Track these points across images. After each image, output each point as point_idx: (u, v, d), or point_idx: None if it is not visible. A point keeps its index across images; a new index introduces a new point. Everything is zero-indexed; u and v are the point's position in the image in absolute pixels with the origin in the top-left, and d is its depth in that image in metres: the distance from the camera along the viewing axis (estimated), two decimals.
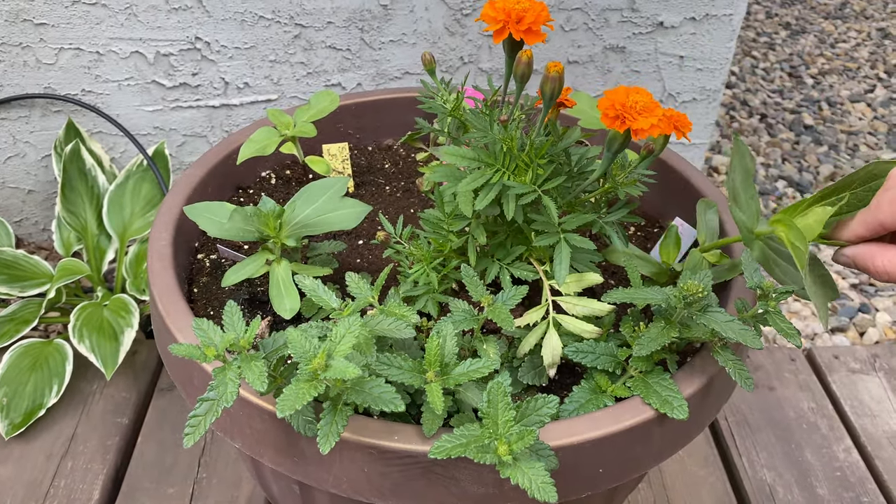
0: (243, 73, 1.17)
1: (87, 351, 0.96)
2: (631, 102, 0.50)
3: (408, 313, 0.54)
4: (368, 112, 0.89)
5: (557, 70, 0.53)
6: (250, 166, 0.81)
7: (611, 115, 0.51)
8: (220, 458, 0.95)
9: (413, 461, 0.52)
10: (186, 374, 0.59)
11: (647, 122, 0.50)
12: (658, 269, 0.65)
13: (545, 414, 0.50)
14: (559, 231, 0.57)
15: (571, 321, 0.58)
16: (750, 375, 0.56)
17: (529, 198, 0.54)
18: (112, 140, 1.22)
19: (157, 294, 0.62)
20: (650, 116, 0.50)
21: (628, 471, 0.57)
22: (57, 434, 0.97)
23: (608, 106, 0.51)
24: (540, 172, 0.54)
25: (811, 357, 1.16)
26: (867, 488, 0.97)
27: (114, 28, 1.11)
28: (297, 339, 0.47)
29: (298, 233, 0.64)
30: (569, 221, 0.57)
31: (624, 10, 1.18)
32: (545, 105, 0.54)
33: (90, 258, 1.12)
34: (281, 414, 0.45)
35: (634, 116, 0.50)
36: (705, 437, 1.03)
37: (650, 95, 0.51)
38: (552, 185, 0.55)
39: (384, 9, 1.14)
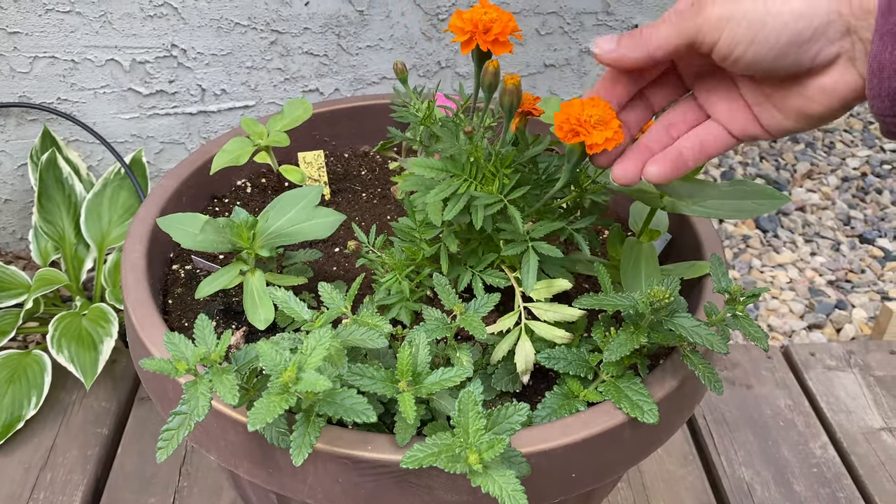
0: (220, 79, 1.17)
1: (66, 361, 0.95)
2: (585, 116, 0.49)
3: (380, 323, 0.55)
4: (343, 119, 0.89)
5: (514, 83, 0.53)
6: (225, 175, 0.81)
7: (565, 129, 0.50)
8: (200, 467, 0.95)
9: (386, 471, 0.52)
10: (161, 387, 0.59)
11: (601, 136, 0.49)
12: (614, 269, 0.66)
13: (516, 421, 0.51)
14: (527, 240, 0.57)
15: (543, 327, 0.59)
16: (720, 379, 0.57)
17: (496, 207, 0.54)
18: (89, 148, 1.21)
19: (130, 307, 0.62)
20: (605, 129, 0.49)
21: (601, 475, 0.58)
22: (36, 446, 0.97)
23: (563, 120, 0.50)
24: (506, 182, 0.54)
25: (788, 354, 1.18)
26: (843, 484, 0.99)
27: (89, 36, 1.10)
28: (267, 351, 0.47)
29: (272, 243, 0.64)
30: (537, 230, 0.57)
31: (599, 14, 1.19)
32: (506, 117, 0.54)
33: (68, 267, 1.12)
34: (252, 427, 0.45)
35: (589, 130, 0.49)
36: (684, 436, 1.04)
37: (607, 106, 0.50)
38: (518, 195, 0.56)
39: (360, 14, 1.14)
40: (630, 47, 0.47)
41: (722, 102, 0.50)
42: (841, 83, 0.44)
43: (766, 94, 0.47)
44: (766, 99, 0.48)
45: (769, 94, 0.47)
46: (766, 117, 0.48)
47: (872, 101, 0.42)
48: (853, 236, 1.52)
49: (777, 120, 0.48)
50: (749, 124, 0.49)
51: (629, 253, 0.65)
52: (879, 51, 0.40)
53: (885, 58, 0.40)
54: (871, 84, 0.41)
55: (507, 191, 0.55)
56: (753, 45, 0.43)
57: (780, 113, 0.47)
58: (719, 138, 0.50)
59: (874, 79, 0.41)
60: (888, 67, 0.40)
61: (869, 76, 0.41)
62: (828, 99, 0.45)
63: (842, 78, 0.44)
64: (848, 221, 1.56)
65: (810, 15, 0.42)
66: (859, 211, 1.58)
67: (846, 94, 0.44)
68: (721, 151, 0.51)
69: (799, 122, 0.47)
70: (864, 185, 1.64)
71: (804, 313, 1.33)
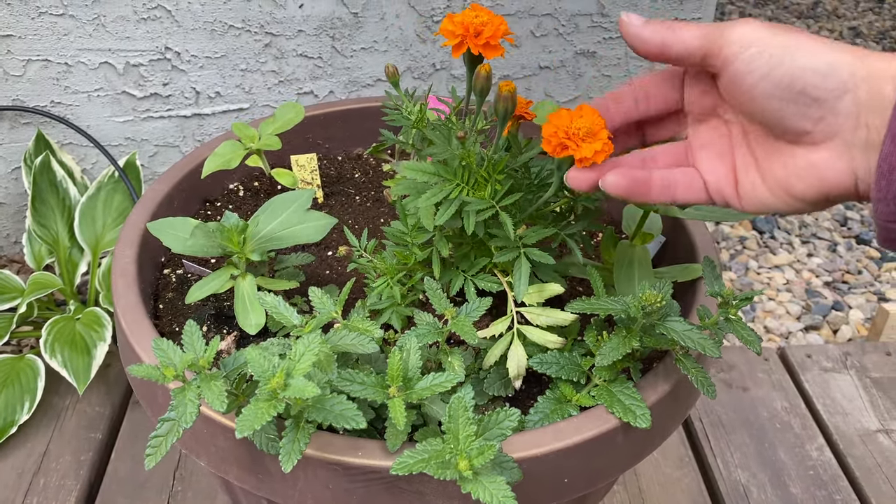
0: (214, 82, 1.17)
1: (59, 366, 0.95)
2: (574, 129, 0.48)
3: (371, 328, 0.54)
4: (337, 122, 0.89)
5: (510, 89, 0.53)
6: (218, 179, 0.81)
7: (553, 143, 0.49)
8: (194, 471, 0.94)
9: (377, 477, 0.52)
10: (151, 392, 0.59)
11: (590, 150, 0.48)
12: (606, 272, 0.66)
13: (507, 427, 0.50)
14: (519, 246, 0.57)
15: (536, 332, 0.59)
16: (712, 383, 0.57)
17: (488, 213, 0.54)
18: (83, 151, 1.21)
19: (120, 312, 0.61)
20: (594, 142, 0.48)
21: (594, 480, 0.57)
22: (29, 451, 0.96)
23: (551, 133, 0.49)
24: (498, 188, 0.54)
25: (784, 356, 1.17)
26: (840, 486, 0.98)
27: (82, 39, 1.10)
28: (255, 357, 0.47)
29: (263, 247, 0.63)
30: (529, 235, 0.57)
31: (594, 16, 1.19)
32: (500, 122, 0.54)
33: (62, 271, 1.11)
34: (240, 434, 0.45)
35: (578, 143, 0.48)
36: (680, 439, 1.04)
37: (596, 115, 0.49)
38: (510, 202, 0.55)
39: (355, 17, 1.14)
40: (654, 30, 0.45)
41: (711, 153, 0.49)
42: (830, 168, 0.42)
43: (755, 158, 0.46)
44: (753, 162, 0.47)
45: (758, 157, 0.46)
46: (747, 182, 0.47)
47: (877, 204, 0.40)
48: (850, 237, 1.52)
49: (756, 188, 0.46)
50: (726, 185, 0.48)
51: (622, 256, 0.65)
52: (890, 152, 0.39)
53: (894, 160, 0.39)
54: (879, 186, 0.39)
55: (499, 197, 0.54)
56: (766, 79, 0.42)
57: (762, 180, 0.46)
58: (692, 187, 0.49)
59: (882, 180, 0.39)
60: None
61: (877, 177, 0.39)
62: (812, 179, 0.43)
63: (832, 162, 0.42)
64: (844, 222, 1.55)
65: (829, 76, 0.41)
66: (856, 212, 1.58)
67: (831, 180, 0.43)
68: (686, 200, 0.49)
69: (775, 197, 0.46)
70: None
71: (801, 315, 1.33)
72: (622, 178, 0.48)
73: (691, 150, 0.50)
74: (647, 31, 0.45)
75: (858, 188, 0.42)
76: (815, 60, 0.41)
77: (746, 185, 0.47)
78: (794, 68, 0.41)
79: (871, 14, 2.37)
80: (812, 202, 0.44)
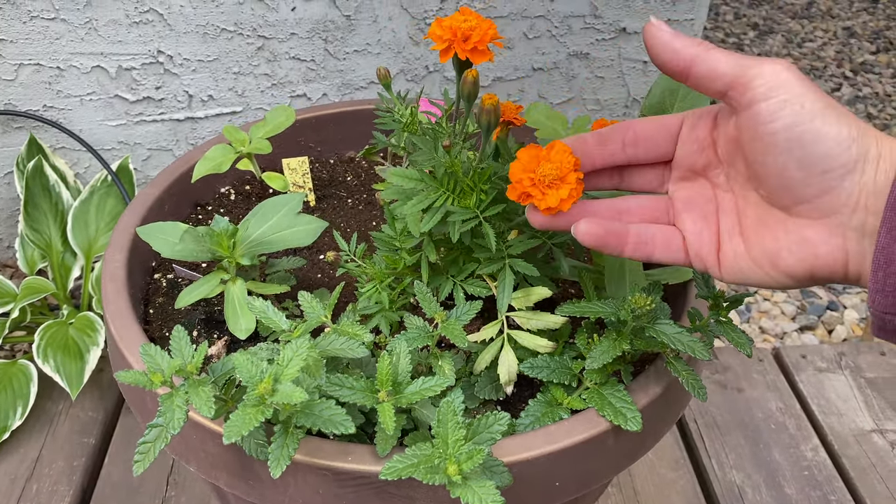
0: (207, 85, 1.17)
1: (51, 371, 0.95)
2: (539, 175, 0.45)
3: (360, 332, 0.54)
4: (329, 125, 0.89)
5: (492, 102, 0.52)
6: (209, 183, 0.81)
7: (518, 192, 0.46)
8: (188, 476, 0.94)
9: (367, 482, 0.51)
10: (140, 398, 0.59)
11: (555, 198, 0.45)
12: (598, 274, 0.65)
13: (497, 431, 0.50)
14: (504, 257, 0.57)
15: (526, 336, 0.58)
16: (703, 385, 0.57)
17: (472, 224, 0.53)
18: (76, 155, 1.21)
19: (110, 318, 0.61)
20: (561, 187, 0.45)
21: (586, 483, 0.57)
22: (22, 457, 0.96)
23: (516, 179, 0.46)
24: (483, 198, 0.54)
25: (779, 357, 1.17)
26: (834, 486, 0.98)
27: (74, 43, 1.10)
28: (243, 363, 0.47)
29: (253, 251, 0.63)
30: (515, 245, 0.57)
31: (587, 17, 1.19)
32: (484, 135, 0.54)
33: (55, 276, 1.11)
34: (227, 440, 0.45)
35: (543, 191, 0.45)
36: (675, 440, 1.04)
37: (566, 154, 0.45)
38: (494, 212, 0.55)
39: (347, 19, 1.14)
40: (685, 44, 0.42)
41: (697, 214, 0.47)
42: (824, 243, 0.41)
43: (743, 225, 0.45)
44: (739, 229, 0.45)
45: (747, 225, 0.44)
46: (730, 250, 0.45)
47: (874, 294, 0.39)
48: None
49: (738, 257, 0.44)
50: (709, 251, 0.46)
51: (613, 259, 0.65)
52: (888, 243, 0.38)
53: (893, 251, 0.38)
54: (876, 277, 0.38)
55: (483, 206, 0.54)
56: (787, 132, 0.39)
57: (746, 250, 0.44)
58: (670, 247, 0.47)
59: (879, 272, 0.38)
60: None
61: (874, 268, 0.38)
62: (804, 254, 0.41)
63: (826, 238, 0.41)
64: None
65: (845, 151, 0.39)
66: None
67: (824, 258, 0.41)
68: (662, 260, 0.47)
69: (758, 268, 0.44)
70: None
71: (796, 315, 1.33)
72: (597, 227, 0.46)
73: (674, 207, 0.48)
74: (679, 44, 0.42)
75: (848, 270, 0.41)
76: (837, 130, 0.39)
77: (729, 253, 0.45)
78: (818, 132, 0.39)
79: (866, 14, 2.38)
80: (798, 278, 0.43)
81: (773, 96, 0.40)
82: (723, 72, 0.41)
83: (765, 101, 0.40)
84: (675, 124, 0.48)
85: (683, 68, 0.43)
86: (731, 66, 0.41)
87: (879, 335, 0.40)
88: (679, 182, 0.48)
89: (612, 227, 0.46)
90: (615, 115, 1.30)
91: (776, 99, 0.40)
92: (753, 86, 0.40)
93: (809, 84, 0.40)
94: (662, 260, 0.47)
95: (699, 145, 0.47)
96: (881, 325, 0.40)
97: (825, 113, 0.39)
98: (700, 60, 0.42)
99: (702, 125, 0.47)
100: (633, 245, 0.47)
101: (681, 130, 0.48)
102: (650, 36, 0.43)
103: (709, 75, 0.42)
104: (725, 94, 0.42)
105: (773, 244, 0.43)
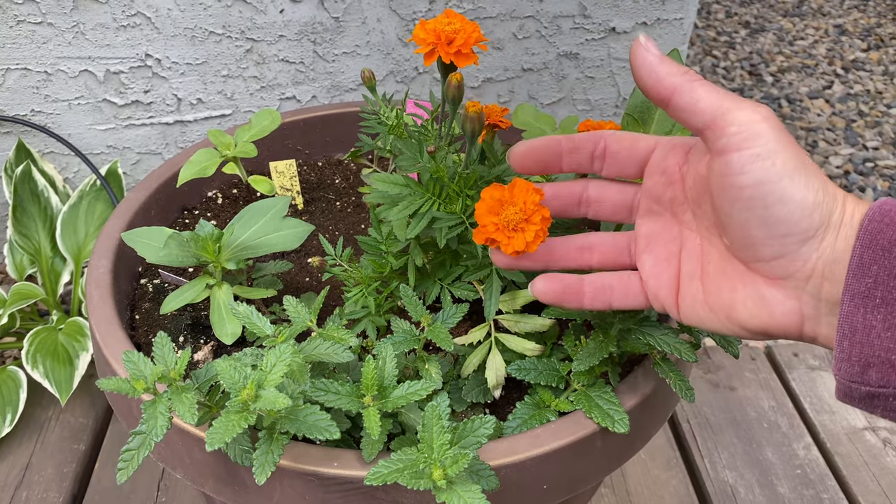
0: (196, 88, 1.16)
1: (40, 377, 0.94)
2: (503, 220, 0.45)
3: (346, 336, 0.54)
4: (316, 127, 0.88)
5: (476, 110, 0.52)
6: (196, 187, 0.81)
7: (482, 236, 0.46)
8: (179, 481, 0.94)
9: (353, 487, 0.51)
10: (125, 405, 0.58)
11: (521, 242, 0.45)
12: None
13: (482, 435, 0.50)
14: (490, 263, 0.56)
15: (514, 340, 0.58)
16: (691, 387, 0.57)
17: (458, 230, 0.53)
18: (65, 160, 1.20)
19: (95, 324, 0.61)
20: (528, 229, 0.45)
21: (574, 485, 0.57)
22: (11, 464, 0.95)
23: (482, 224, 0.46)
24: (469, 203, 0.53)
25: (771, 355, 1.17)
26: (827, 485, 0.98)
27: (61, 47, 1.09)
28: (225, 369, 0.46)
29: (239, 256, 0.63)
30: None
31: (576, 17, 1.19)
32: (469, 141, 0.53)
33: (45, 281, 1.10)
34: (210, 447, 0.44)
35: (509, 235, 0.45)
36: (667, 440, 1.04)
37: (530, 191, 0.45)
38: None
39: (336, 21, 1.14)
40: (670, 72, 0.41)
41: (658, 256, 0.47)
42: (780, 304, 0.40)
43: (704, 270, 0.44)
44: (700, 274, 0.44)
45: (708, 271, 0.44)
46: (689, 294, 0.45)
47: (840, 363, 0.38)
48: None
49: (696, 302, 0.44)
50: (668, 293, 0.46)
51: None
52: (851, 311, 0.37)
53: (856, 320, 0.37)
54: (842, 346, 0.38)
55: (469, 211, 0.54)
56: (755, 189, 0.38)
57: (704, 297, 0.44)
58: (629, 294, 0.47)
59: (844, 341, 0.37)
60: (860, 331, 0.37)
61: (839, 337, 0.38)
62: (758, 311, 0.41)
63: (781, 300, 0.40)
64: None
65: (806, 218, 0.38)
66: None
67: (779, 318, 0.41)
68: (622, 307, 0.47)
69: (714, 316, 0.43)
70: (847, 183, 1.64)
71: None
72: (553, 282, 0.46)
73: (637, 245, 0.48)
74: (664, 70, 0.41)
75: (803, 331, 0.41)
76: (803, 195, 0.38)
77: (688, 298, 0.45)
78: (783, 194, 0.38)
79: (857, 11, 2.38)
80: (752, 332, 0.42)
81: (747, 148, 0.38)
82: (702, 109, 0.40)
83: (737, 152, 0.39)
84: (645, 149, 0.47)
85: (665, 97, 0.41)
86: (710, 106, 0.39)
87: (845, 401, 0.39)
88: (645, 216, 0.48)
89: (568, 282, 0.47)
90: (606, 114, 1.30)
91: (749, 152, 0.38)
92: (729, 132, 0.39)
93: (786, 139, 0.39)
94: (623, 307, 0.48)
95: (667, 178, 0.46)
96: (847, 392, 0.39)
97: (794, 175, 0.38)
98: (682, 92, 0.40)
99: (672, 157, 0.46)
100: (590, 297, 0.47)
101: (651, 157, 0.47)
102: (636, 56, 0.41)
103: (689, 109, 0.40)
104: (702, 132, 0.40)
105: (729, 295, 0.42)
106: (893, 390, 0.37)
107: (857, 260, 0.37)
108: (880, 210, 0.37)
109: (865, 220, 0.37)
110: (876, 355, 0.37)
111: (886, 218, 0.37)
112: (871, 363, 0.37)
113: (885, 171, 1.68)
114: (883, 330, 0.36)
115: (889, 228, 0.37)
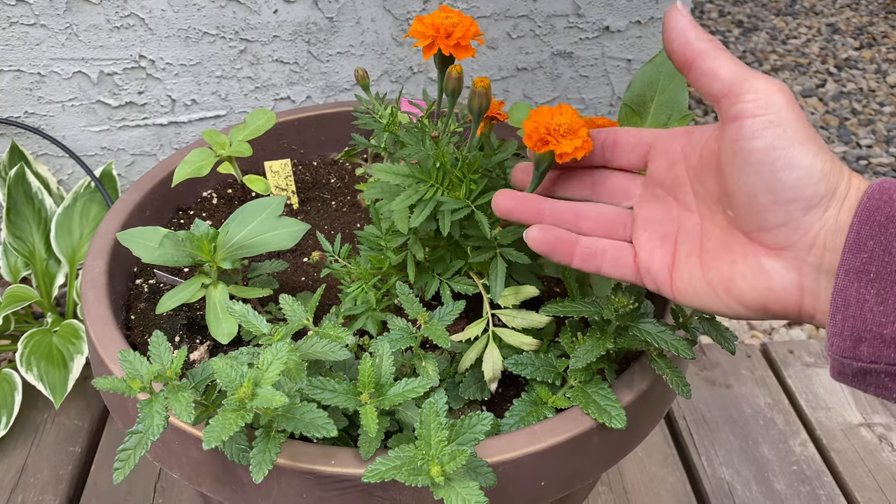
0: (190, 89, 1.16)
1: (35, 380, 0.94)
2: (555, 125, 0.48)
3: (342, 334, 0.54)
4: (311, 127, 0.88)
5: (484, 85, 0.53)
6: (191, 187, 0.80)
7: (535, 139, 0.49)
8: (175, 482, 0.93)
9: (351, 485, 0.51)
10: (121, 405, 0.58)
11: (570, 146, 0.47)
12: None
13: (480, 431, 0.50)
14: (495, 246, 0.57)
15: (511, 334, 0.58)
16: (687, 383, 0.57)
17: (463, 213, 0.53)
18: (59, 162, 1.20)
19: (90, 324, 0.61)
20: (574, 138, 0.48)
21: (571, 482, 0.57)
22: (7, 467, 0.95)
23: (532, 129, 0.49)
24: (473, 188, 0.54)
25: (767, 352, 1.18)
26: (823, 481, 0.99)
27: (55, 48, 1.09)
28: (222, 367, 0.46)
29: (234, 255, 0.63)
30: (504, 236, 0.57)
31: (570, 16, 1.19)
32: (474, 120, 0.54)
33: (39, 283, 1.10)
34: (207, 446, 0.44)
35: (559, 140, 0.48)
36: (664, 437, 1.04)
37: (575, 114, 0.49)
38: (485, 201, 0.55)
39: (330, 21, 1.14)
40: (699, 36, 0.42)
41: (655, 233, 0.47)
42: (780, 276, 0.41)
43: (704, 247, 0.45)
44: (699, 250, 0.45)
45: (708, 247, 0.44)
46: (685, 271, 0.45)
47: (833, 338, 0.39)
48: None
49: (693, 279, 0.45)
50: (661, 268, 0.46)
51: None
52: (845, 286, 0.38)
53: (850, 294, 0.38)
54: (835, 320, 0.38)
55: (474, 196, 0.54)
56: (765, 153, 0.39)
57: (702, 272, 0.44)
58: (619, 263, 0.48)
59: (837, 314, 0.38)
60: (853, 305, 0.37)
61: (832, 311, 0.38)
62: (758, 283, 0.41)
63: (781, 272, 0.41)
64: None
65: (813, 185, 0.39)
66: None
67: (778, 291, 0.41)
68: (610, 275, 0.48)
69: (712, 292, 0.44)
70: None
71: None
72: (547, 232, 0.47)
73: (633, 223, 0.49)
74: (693, 34, 0.42)
75: (802, 307, 0.41)
76: (811, 162, 0.39)
77: (685, 275, 0.45)
78: (792, 159, 0.39)
79: (849, 10, 2.39)
80: (750, 308, 0.42)
81: (761, 115, 0.40)
82: (722, 76, 0.41)
83: (751, 118, 0.40)
84: (650, 137, 0.49)
85: (689, 59, 0.43)
86: (730, 73, 0.41)
87: (839, 379, 0.39)
88: (645, 202, 0.49)
89: (561, 236, 0.48)
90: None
91: (762, 118, 0.40)
92: (744, 99, 0.40)
93: (798, 111, 0.40)
94: (611, 275, 0.48)
95: (669, 161, 0.47)
96: (840, 370, 0.39)
97: (804, 143, 0.39)
98: (706, 57, 0.42)
99: (674, 141, 0.48)
100: (581, 256, 0.48)
101: (654, 143, 0.49)
102: (670, 18, 0.43)
103: (710, 74, 0.42)
104: (718, 99, 0.42)
105: (729, 268, 0.43)
106: (885, 366, 0.37)
107: (854, 235, 0.38)
108: (879, 188, 0.38)
109: (864, 197, 0.38)
110: (868, 329, 0.37)
111: (885, 195, 0.38)
112: (863, 338, 0.37)
113: (878, 168, 1.69)
114: (876, 304, 0.37)
115: (886, 205, 0.37)
